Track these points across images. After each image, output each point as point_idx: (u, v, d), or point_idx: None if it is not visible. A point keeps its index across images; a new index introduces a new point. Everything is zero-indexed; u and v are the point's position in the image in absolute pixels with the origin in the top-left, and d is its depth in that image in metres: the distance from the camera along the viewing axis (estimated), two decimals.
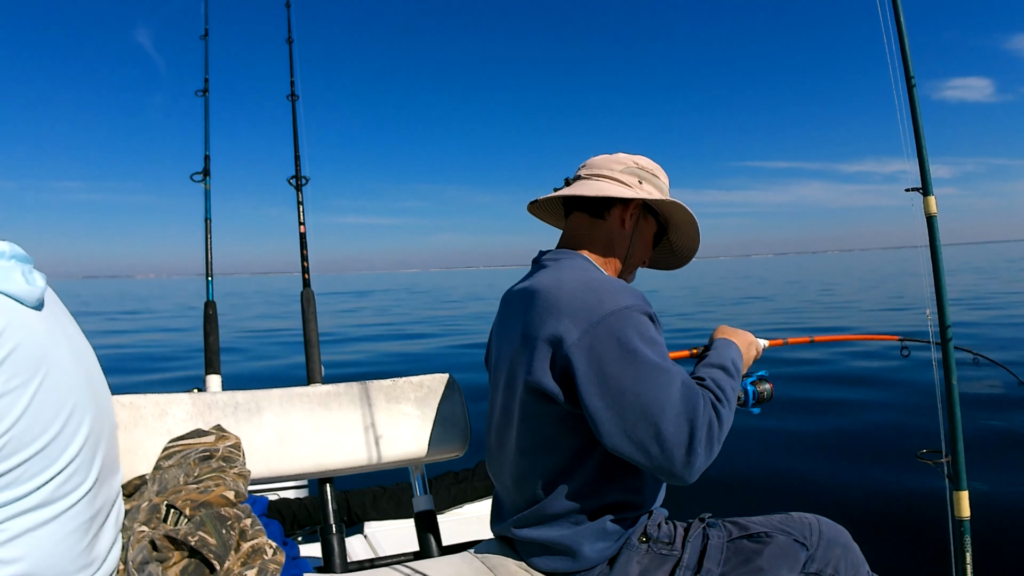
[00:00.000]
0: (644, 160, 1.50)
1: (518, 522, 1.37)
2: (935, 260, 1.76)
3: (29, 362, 0.86)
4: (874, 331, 2.05)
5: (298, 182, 2.71)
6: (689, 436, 1.16)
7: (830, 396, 6.80)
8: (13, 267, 0.90)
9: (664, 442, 1.15)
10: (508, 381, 1.37)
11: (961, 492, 1.75)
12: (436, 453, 1.82)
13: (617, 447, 1.19)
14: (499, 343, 1.48)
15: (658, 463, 1.17)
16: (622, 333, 1.20)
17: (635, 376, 1.18)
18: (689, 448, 1.16)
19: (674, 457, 1.16)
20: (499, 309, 1.53)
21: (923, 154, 1.78)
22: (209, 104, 3.60)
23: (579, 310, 1.23)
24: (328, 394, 1.77)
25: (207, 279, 3.42)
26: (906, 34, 1.77)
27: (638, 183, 1.46)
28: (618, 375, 1.18)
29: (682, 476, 1.17)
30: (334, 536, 1.78)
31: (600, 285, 1.29)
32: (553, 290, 1.30)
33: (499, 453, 1.44)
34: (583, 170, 1.50)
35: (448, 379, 1.89)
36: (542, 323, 1.27)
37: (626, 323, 1.21)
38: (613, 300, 1.24)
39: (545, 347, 1.25)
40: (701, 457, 1.17)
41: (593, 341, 1.20)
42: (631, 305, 1.24)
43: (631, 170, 1.47)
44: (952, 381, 1.77)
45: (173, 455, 1.26)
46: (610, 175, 1.46)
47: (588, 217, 1.46)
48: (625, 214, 1.46)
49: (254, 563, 1.04)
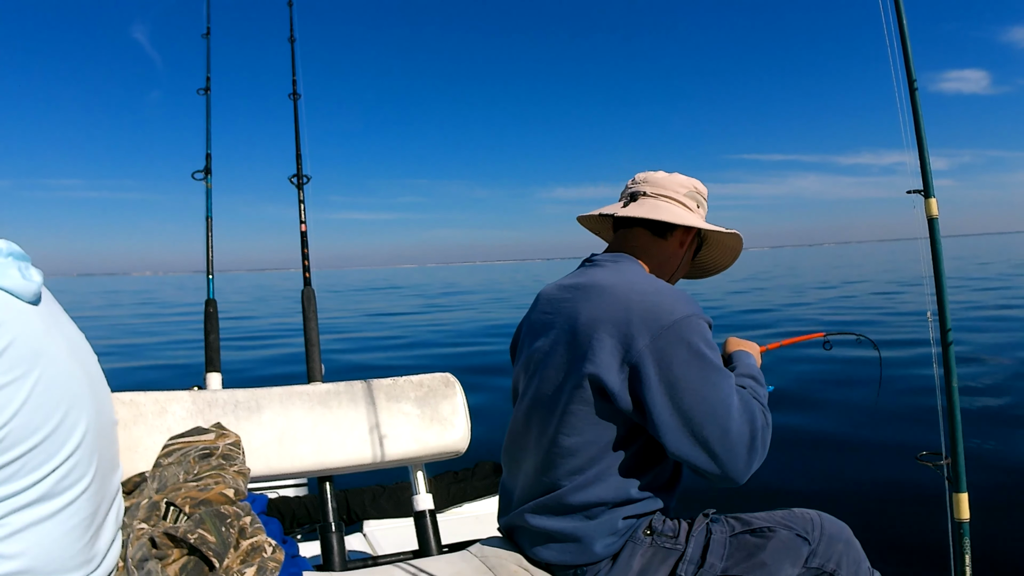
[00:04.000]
0: (700, 184, 1.55)
1: (533, 509, 1.38)
2: (936, 263, 1.76)
3: (26, 356, 0.86)
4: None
5: (299, 181, 2.71)
6: (751, 437, 1.24)
7: (829, 396, 6.80)
8: (10, 263, 0.91)
9: (729, 443, 1.22)
10: (554, 369, 1.37)
11: (960, 494, 1.75)
12: (436, 452, 1.82)
13: (680, 450, 1.24)
14: (540, 331, 1.46)
15: (721, 463, 1.23)
16: (691, 339, 1.25)
17: (703, 380, 1.23)
18: (751, 448, 1.24)
19: (737, 457, 1.23)
20: (538, 301, 1.53)
21: (925, 156, 1.77)
22: (211, 102, 3.60)
23: (649, 312, 1.27)
24: (328, 393, 1.78)
25: (208, 277, 3.42)
26: (908, 37, 1.77)
27: (696, 207, 1.52)
28: (686, 378, 1.23)
29: (740, 476, 1.24)
30: (333, 534, 1.78)
31: (666, 290, 1.33)
32: (620, 288, 1.33)
33: (525, 439, 1.44)
34: (646, 187, 1.51)
35: (448, 378, 1.90)
36: (609, 318, 1.29)
37: (694, 330, 1.26)
38: (681, 307, 1.28)
39: (613, 343, 1.28)
40: (759, 457, 1.25)
41: (664, 345, 1.24)
42: (696, 313, 1.28)
43: (692, 195, 1.52)
44: (952, 382, 1.77)
45: (173, 453, 1.26)
46: (676, 198, 1.50)
47: (650, 235, 1.49)
48: (686, 237, 1.51)
49: (253, 561, 1.04)
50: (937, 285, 1.76)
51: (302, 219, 2.66)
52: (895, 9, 1.77)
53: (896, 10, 1.76)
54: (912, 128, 1.76)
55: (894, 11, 1.77)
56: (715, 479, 1.26)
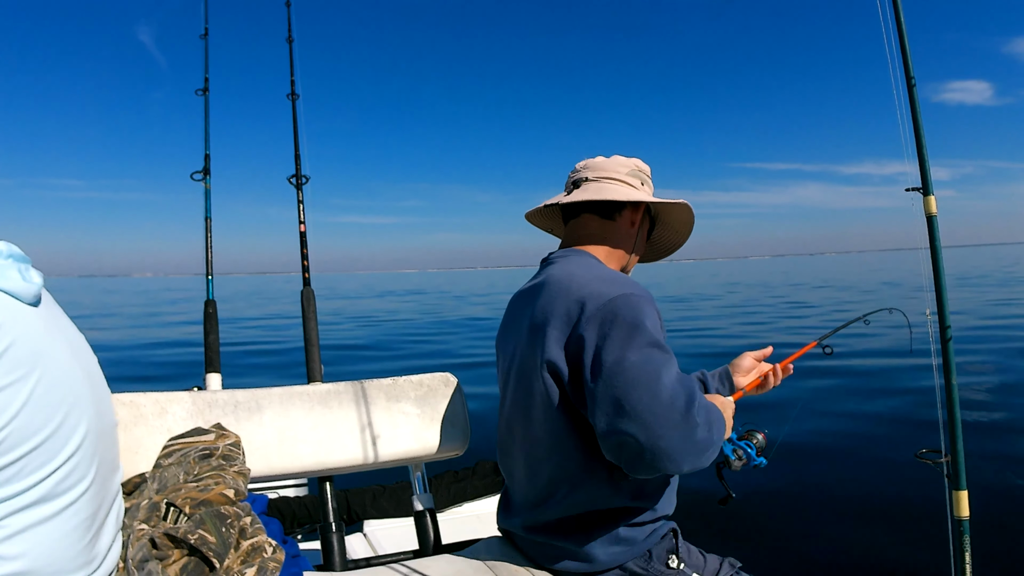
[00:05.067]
0: (641, 163, 1.55)
1: (528, 524, 1.38)
2: (935, 260, 1.76)
3: (27, 357, 0.86)
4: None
5: (298, 181, 2.71)
6: (686, 404, 1.14)
7: (829, 396, 6.79)
8: (10, 265, 0.91)
9: (659, 407, 1.12)
10: (520, 370, 1.37)
11: (960, 492, 1.75)
12: (436, 452, 1.82)
13: (611, 423, 1.15)
14: (508, 336, 1.49)
15: (653, 432, 1.11)
16: (632, 313, 1.22)
17: (637, 350, 1.18)
18: (685, 417, 1.13)
19: (669, 424, 1.11)
20: (507, 309, 1.55)
21: (923, 153, 1.78)
22: (209, 103, 3.59)
23: (592, 295, 1.26)
24: (328, 393, 1.77)
25: (207, 278, 3.42)
26: (906, 31, 1.77)
27: (640, 185, 1.51)
28: (620, 347, 1.18)
29: (677, 450, 1.12)
30: (334, 534, 1.78)
31: (612, 276, 1.33)
32: (565, 278, 1.34)
33: (511, 446, 1.44)
34: (587, 172, 1.51)
35: (448, 378, 1.90)
36: (555, 304, 1.30)
37: (637, 305, 1.24)
38: (621, 287, 1.27)
39: (561, 324, 1.28)
40: (700, 432, 1.14)
41: (602, 319, 1.22)
42: (641, 294, 1.26)
43: (634, 173, 1.51)
44: (952, 381, 1.77)
45: (173, 453, 1.26)
46: (618, 178, 1.49)
47: (599, 219, 1.49)
48: (635, 215, 1.50)
49: (254, 561, 1.04)
50: (936, 284, 1.76)
51: (301, 219, 2.66)
52: (892, 5, 1.77)
53: (894, 6, 1.77)
54: (911, 125, 1.77)
55: (891, 7, 1.77)
56: (651, 457, 1.13)
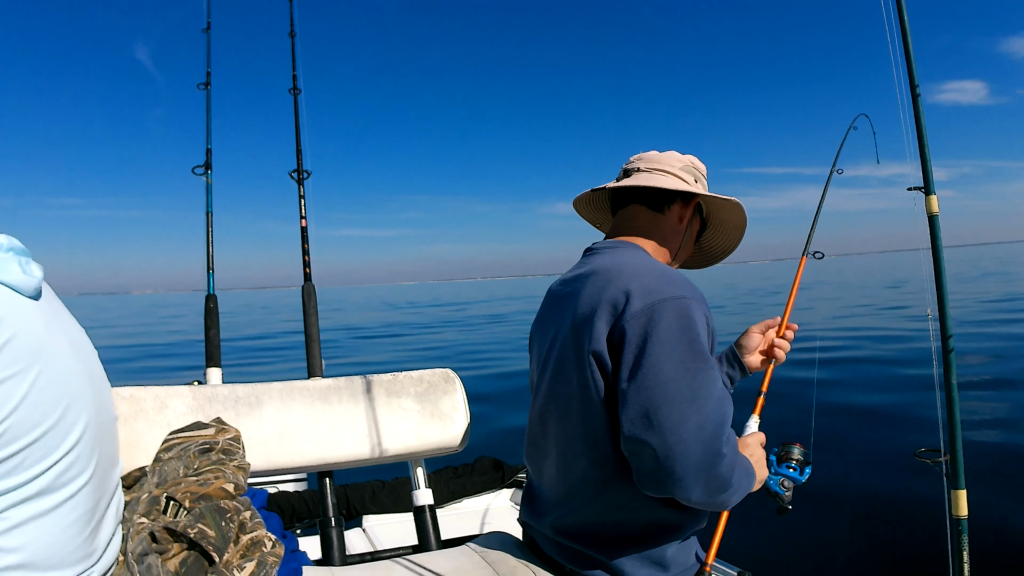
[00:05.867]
0: (697, 160, 1.48)
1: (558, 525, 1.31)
2: (936, 260, 1.76)
3: (27, 350, 0.86)
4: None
5: (300, 176, 2.71)
6: (712, 437, 1.09)
7: (830, 397, 6.79)
8: (10, 258, 0.91)
9: (685, 433, 1.07)
10: (561, 360, 1.30)
11: (959, 491, 1.75)
12: (436, 448, 1.83)
13: (633, 431, 1.10)
14: (548, 325, 1.40)
15: (670, 454, 1.07)
16: (680, 320, 1.14)
17: (679, 361, 1.11)
18: (708, 449, 1.08)
19: (689, 453, 1.07)
20: (544, 301, 1.48)
21: (925, 153, 1.77)
22: (211, 98, 3.59)
23: (643, 286, 1.18)
24: (328, 388, 1.78)
25: (208, 272, 3.42)
26: (909, 30, 1.77)
27: (694, 181, 1.45)
28: (661, 355, 1.11)
29: (688, 479, 1.08)
30: (333, 529, 1.78)
31: (664, 272, 1.24)
32: (615, 268, 1.26)
33: (542, 439, 1.38)
34: (641, 163, 1.46)
35: (448, 374, 1.90)
36: (604, 293, 1.21)
37: (687, 311, 1.15)
38: (680, 288, 1.18)
39: (607, 314, 1.19)
40: (721, 466, 1.10)
41: (651, 317, 1.14)
42: (693, 296, 1.18)
43: (688, 168, 1.45)
44: (951, 380, 1.77)
45: (173, 447, 1.26)
46: (671, 171, 1.43)
47: (648, 210, 1.43)
48: (685, 211, 1.44)
49: (253, 555, 1.04)
50: (937, 284, 1.76)
51: (302, 214, 2.66)
52: (896, 7, 1.76)
53: (898, 7, 1.76)
54: (913, 126, 1.77)
55: (895, 9, 1.77)
56: (662, 476, 1.10)
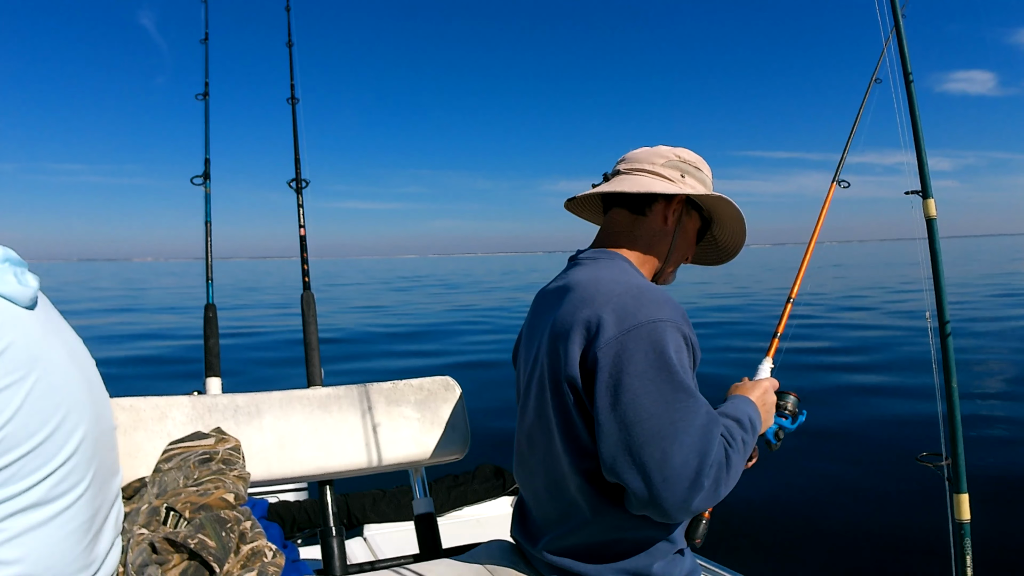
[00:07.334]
0: (686, 153, 1.43)
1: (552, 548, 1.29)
2: (935, 263, 1.76)
3: (23, 360, 0.86)
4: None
5: (298, 185, 2.71)
6: (696, 472, 1.09)
7: (829, 397, 6.79)
8: (6, 269, 0.91)
9: (669, 471, 1.08)
10: (541, 382, 1.28)
11: (961, 495, 1.75)
12: (436, 456, 1.82)
13: (615, 465, 1.12)
14: (531, 341, 1.39)
15: (655, 492, 1.08)
16: (656, 346, 1.12)
17: (656, 393, 1.10)
18: (693, 485, 1.09)
19: (674, 490, 1.08)
20: (531, 308, 1.46)
21: (922, 157, 1.78)
22: (210, 108, 3.61)
23: (618, 308, 1.16)
24: (328, 397, 1.77)
25: (207, 282, 3.42)
26: (904, 35, 1.77)
27: (680, 177, 1.39)
28: (637, 388, 1.10)
29: (674, 512, 1.10)
30: (334, 539, 1.77)
31: (641, 291, 1.20)
32: (591, 285, 1.24)
33: (531, 456, 1.35)
34: (622, 164, 1.44)
35: (448, 382, 1.90)
36: (577, 314, 1.20)
37: (662, 336, 1.13)
38: (654, 310, 1.16)
39: (580, 338, 1.18)
40: (702, 497, 1.10)
41: (623, 346, 1.12)
42: (670, 319, 1.15)
43: (673, 164, 1.40)
44: (952, 383, 1.77)
45: (173, 458, 1.26)
46: (651, 170, 1.39)
47: (629, 214, 1.39)
48: (668, 211, 1.38)
49: (254, 566, 1.04)
50: (936, 286, 1.76)
51: (301, 223, 2.67)
52: (891, 8, 1.77)
53: (892, 8, 1.77)
54: (909, 127, 1.77)
55: (890, 11, 1.78)
56: (647, 508, 1.12)
